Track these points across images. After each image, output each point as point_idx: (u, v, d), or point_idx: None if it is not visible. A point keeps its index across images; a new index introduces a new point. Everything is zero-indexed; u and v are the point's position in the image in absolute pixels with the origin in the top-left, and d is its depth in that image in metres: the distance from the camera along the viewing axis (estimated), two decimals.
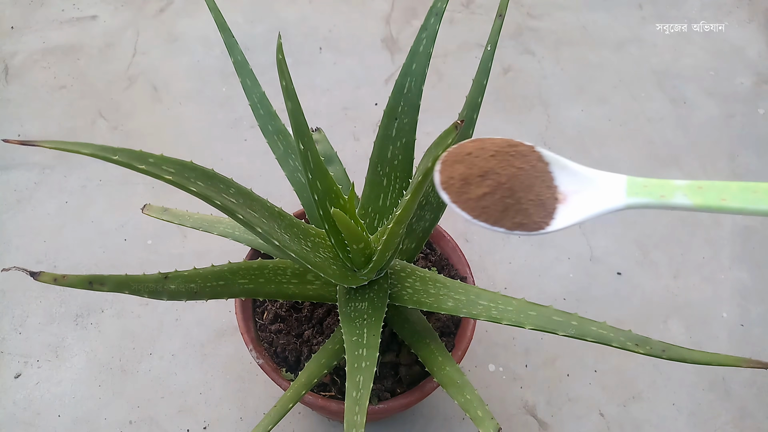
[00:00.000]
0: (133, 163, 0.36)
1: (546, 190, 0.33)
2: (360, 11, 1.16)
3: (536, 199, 0.32)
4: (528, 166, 0.33)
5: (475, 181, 0.32)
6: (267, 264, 0.52)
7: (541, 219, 0.32)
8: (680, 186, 0.31)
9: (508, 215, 0.32)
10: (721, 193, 0.30)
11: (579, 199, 0.33)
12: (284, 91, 0.38)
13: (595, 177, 0.33)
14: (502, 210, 0.32)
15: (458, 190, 0.32)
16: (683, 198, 0.30)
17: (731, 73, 1.09)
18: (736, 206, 0.30)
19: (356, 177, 0.54)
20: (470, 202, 0.32)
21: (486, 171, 0.32)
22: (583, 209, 0.32)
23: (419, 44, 0.50)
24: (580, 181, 0.33)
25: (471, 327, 0.61)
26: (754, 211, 0.30)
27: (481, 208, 0.32)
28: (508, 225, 0.32)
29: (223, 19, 0.54)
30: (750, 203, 0.29)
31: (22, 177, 0.91)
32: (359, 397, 0.43)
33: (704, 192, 0.30)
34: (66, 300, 0.79)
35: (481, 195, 0.32)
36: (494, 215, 0.32)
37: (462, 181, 0.32)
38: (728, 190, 0.30)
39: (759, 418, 0.73)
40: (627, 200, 0.32)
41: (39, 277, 0.39)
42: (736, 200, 0.30)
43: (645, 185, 0.32)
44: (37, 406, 0.71)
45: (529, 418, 0.72)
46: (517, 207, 0.32)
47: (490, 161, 0.32)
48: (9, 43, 1.08)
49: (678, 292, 0.83)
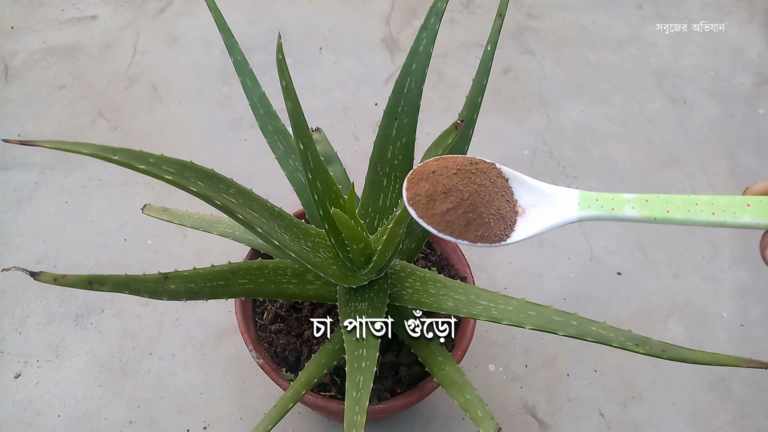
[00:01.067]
0: (133, 163, 0.36)
1: (506, 205, 0.35)
2: (360, 11, 1.16)
3: (497, 213, 0.35)
4: (488, 182, 0.35)
5: (439, 198, 0.34)
6: (267, 264, 0.52)
7: (501, 232, 0.34)
8: (629, 199, 0.33)
9: (471, 229, 0.34)
10: (666, 205, 0.33)
11: (536, 212, 0.35)
12: (284, 91, 0.38)
13: (551, 191, 0.35)
14: (465, 224, 0.34)
15: (424, 206, 0.34)
16: (632, 210, 0.33)
17: (731, 73, 1.09)
18: (680, 218, 0.32)
19: (356, 177, 0.54)
20: (435, 217, 0.34)
21: (449, 188, 0.34)
22: (540, 222, 0.35)
23: (419, 44, 0.50)
24: (537, 195, 0.36)
25: (471, 327, 0.61)
26: (695, 221, 0.32)
27: (446, 223, 0.34)
28: (471, 238, 0.34)
29: (223, 19, 0.53)
30: (691, 215, 0.32)
31: (22, 177, 0.91)
32: (359, 397, 0.43)
33: (651, 205, 0.33)
34: (66, 300, 0.79)
35: (445, 210, 0.34)
36: (458, 229, 0.34)
37: (428, 197, 0.34)
38: (672, 203, 0.33)
39: (759, 417, 0.73)
40: (580, 213, 0.34)
41: (39, 277, 0.39)
42: (679, 212, 0.32)
43: (596, 199, 0.34)
44: (37, 406, 0.71)
45: (529, 418, 0.72)
46: (479, 221, 0.34)
47: (453, 179, 0.35)
48: (9, 43, 1.08)
49: (678, 292, 0.83)
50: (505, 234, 0.35)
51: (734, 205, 0.32)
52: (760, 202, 0.32)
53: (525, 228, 0.35)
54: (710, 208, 0.32)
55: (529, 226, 0.35)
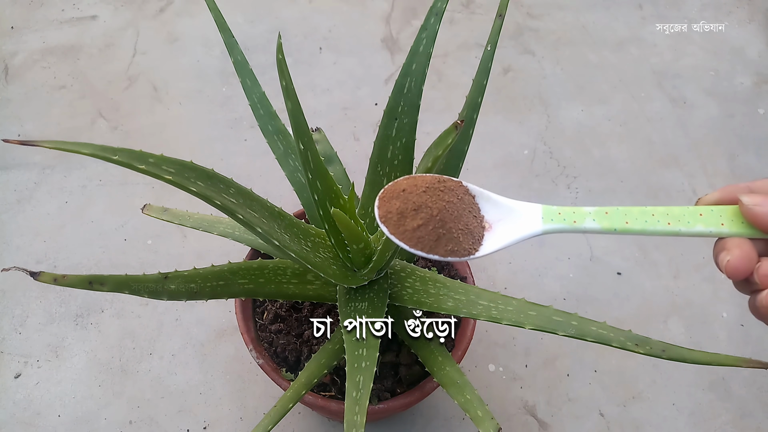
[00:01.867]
0: (133, 163, 0.36)
1: (473, 220, 0.36)
2: (360, 11, 1.16)
3: (465, 228, 0.36)
4: (456, 199, 0.36)
5: (410, 215, 0.35)
6: (267, 264, 0.52)
7: (470, 246, 0.36)
8: (589, 212, 0.35)
9: (441, 244, 0.35)
10: (625, 217, 0.34)
11: (503, 227, 0.37)
12: (284, 91, 0.38)
13: (515, 207, 0.37)
14: (435, 239, 0.35)
15: (396, 222, 0.35)
16: (592, 222, 0.35)
17: (731, 73, 1.09)
18: (638, 228, 0.34)
19: (356, 177, 0.54)
20: (407, 233, 0.35)
21: (419, 205, 0.35)
22: (506, 236, 0.36)
23: (419, 44, 0.50)
24: (502, 211, 0.37)
25: (471, 327, 0.61)
26: (652, 231, 0.34)
27: (417, 239, 0.35)
28: (441, 252, 0.35)
29: (223, 18, 0.53)
30: (648, 225, 0.34)
31: (22, 177, 0.91)
32: (359, 397, 0.43)
33: (610, 216, 0.34)
34: (66, 300, 0.79)
35: (416, 227, 0.35)
36: (429, 244, 0.35)
37: (399, 215, 0.35)
38: (630, 214, 0.34)
39: (759, 417, 0.73)
40: (543, 226, 0.36)
41: (39, 277, 0.38)
42: (637, 223, 0.34)
43: (559, 212, 0.36)
44: (37, 406, 0.71)
45: (529, 418, 0.72)
46: (449, 236, 0.35)
47: (422, 196, 0.36)
48: (9, 43, 1.08)
49: (678, 292, 0.83)
50: (474, 248, 0.36)
51: (687, 215, 0.34)
52: (711, 212, 0.34)
53: (492, 242, 0.36)
54: (666, 218, 0.34)
55: (496, 240, 0.36)
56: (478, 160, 0.94)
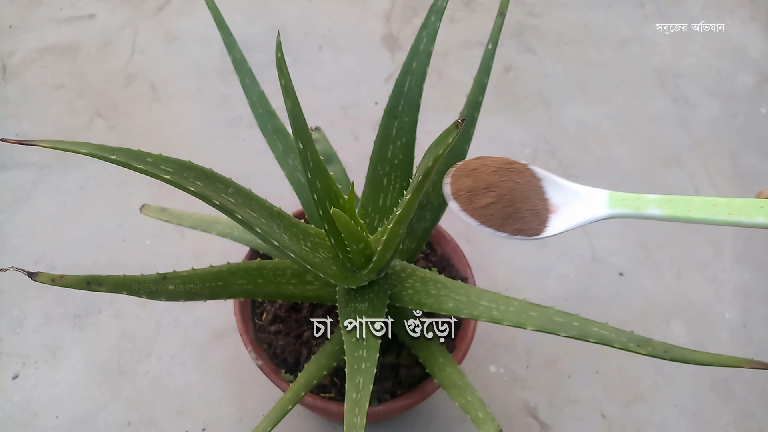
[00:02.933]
0: (131, 162, 0.35)
1: (539, 202, 0.38)
2: (360, 9, 1.15)
3: (532, 209, 0.37)
4: (524, 181, 0.38)
5: (480, 192, 0.37)
6: (266, 264, 0.52)
7: (536, 226, 0.37)
8: (653, 199, 0.36)
9: (509, 222, 0.37)
10: (687, 205, 0.36)
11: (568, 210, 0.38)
12: (283, 90, 0.38)
13: (581, 191, 0.39)
14: (504, 218, 0.37)
15: (466, 199, 0.37)
16: (656, 209, 0.36)
17: (733, 72, 1.09)
18: (700, 217, 0.35)
19: (356, 177, 0.53)
20: (477, 210, 0.37)
21: (489, 184, 0.37)
22: (571, 218, 0.38)
23: (420, 42, 0.50)
24: (567, 194, 0.39)
25: (472, 328, 0.61)
26: (713, 221, 0.35)
27: (486, 216, 0.37)
28: (510, 231, 0.37)
29: (222, 17, 0.53)
30: (710, 214, 0.35)
31: (19, 177, 0.90)
32: (359, 398, 0.42)
33: (673, 204, 0.36)
34: (64, 300, 0.79)
35: (486, 204, 0.37)
36: (498, 222, 0.37)
37: (469, 192, 0.37)
38: (693, 203, 0.36)
39: (761, 418, 0.72)
40: (609, 211, 0.37)
41: (37, 278, 0.38)
42: (699, 212, 0.35)
43: (624, 198, 0.37)
44: (35, 407, 0.71)
45: (530, 420, 0.72)
46: (517, 215, 0.37)
47: (492, 176, 0.37)
48: (7, 42, 1.08)
49: (680, 293, 0.82)
50: (540, 229, 0.37)
51: (749, 207, 0.35)
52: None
53: (558, 223, 0.38)
54: (727, 209, 0.35)
55: (562, 221, 0.38)
56: None
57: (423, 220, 0.56)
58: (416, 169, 0.42)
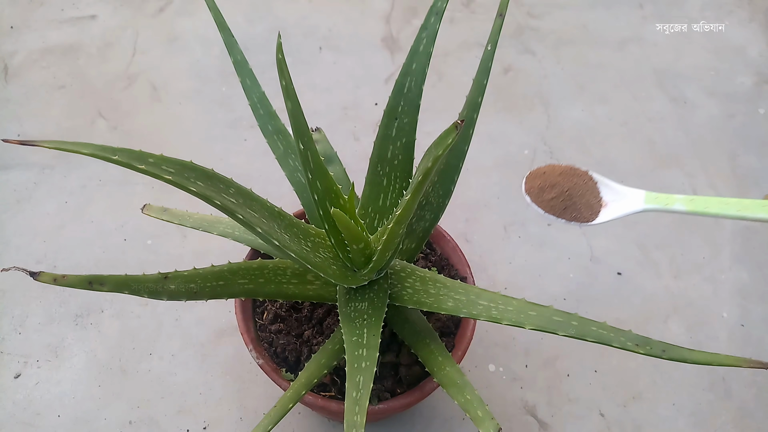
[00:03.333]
0: (133, 163, 0.36)
1: (593, 198, 0.49)
2: (360, 10, 1.16)
3: (586, 203, 0.49)
4: (582, 182, 0.50)
5: (547, 189, 0.49)
6: (267, 264, 0.52)
7: (588, 216, 0.49)
8: (679, 198, 0.46)
9: (567, 212, 0.49)
10: (705, 203, 0.45)
11: (615, 204, 0.49)
12: (284, 91, 0.38)
13: (626, 191, 0.49)
14: (563, 208, 0.49)
15: (537, 194, 0.49)
16: (680, 205, 0.46)
17: (732, 72, 1.09)
18: (714, 211, 0.44)
19: (356, 177, 0.54)
20: (544, 202, 0.49)
21: (554, 183, 0.49)
22: (616, 210, 0.49)
23: (419, 43, 0.50)
24: (616, 193, 0.50)
25: (471, 327, 0.61)
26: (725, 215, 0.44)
27: (550, 206, 0.49)
28: (567, 217, 0.49)
29: (223, 18, 0.53)
30: (722, 210, 0.44)
31: (21, 177, 0.91)
32: (359, 397, 0.43)
33: (694, 202, 0.45)
34: (66, 300, 0.79)
35: (550, 198, 0.49)
36: (558, 211, 0.49)
37: (539, 189, 0.49)
38: (710, 202, 0.45)
39: (759, 418, 0.73)
40: (645, 206, 0.48)
41: (39, 277, 0.38)
42: (714, 208, 0.44)
43: (656, 197, 0.48)
44: (36, 407, 0.71)
45: (529, 419, 0.72)
46: (573, 207, 0.49)
47: (557, 178, 0.50)
48: (8, 42, 1.08)
49: (678, 292, 0.82)
50: (592, 217, 0.49)
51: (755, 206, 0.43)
52: None
53: (606, 214, 0.49)
54: (737, 206, 0.43)
55: (609, 213, 0.49)
56: (478, 160, 0.94)
57: (422, 220, 0.56)
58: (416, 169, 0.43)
